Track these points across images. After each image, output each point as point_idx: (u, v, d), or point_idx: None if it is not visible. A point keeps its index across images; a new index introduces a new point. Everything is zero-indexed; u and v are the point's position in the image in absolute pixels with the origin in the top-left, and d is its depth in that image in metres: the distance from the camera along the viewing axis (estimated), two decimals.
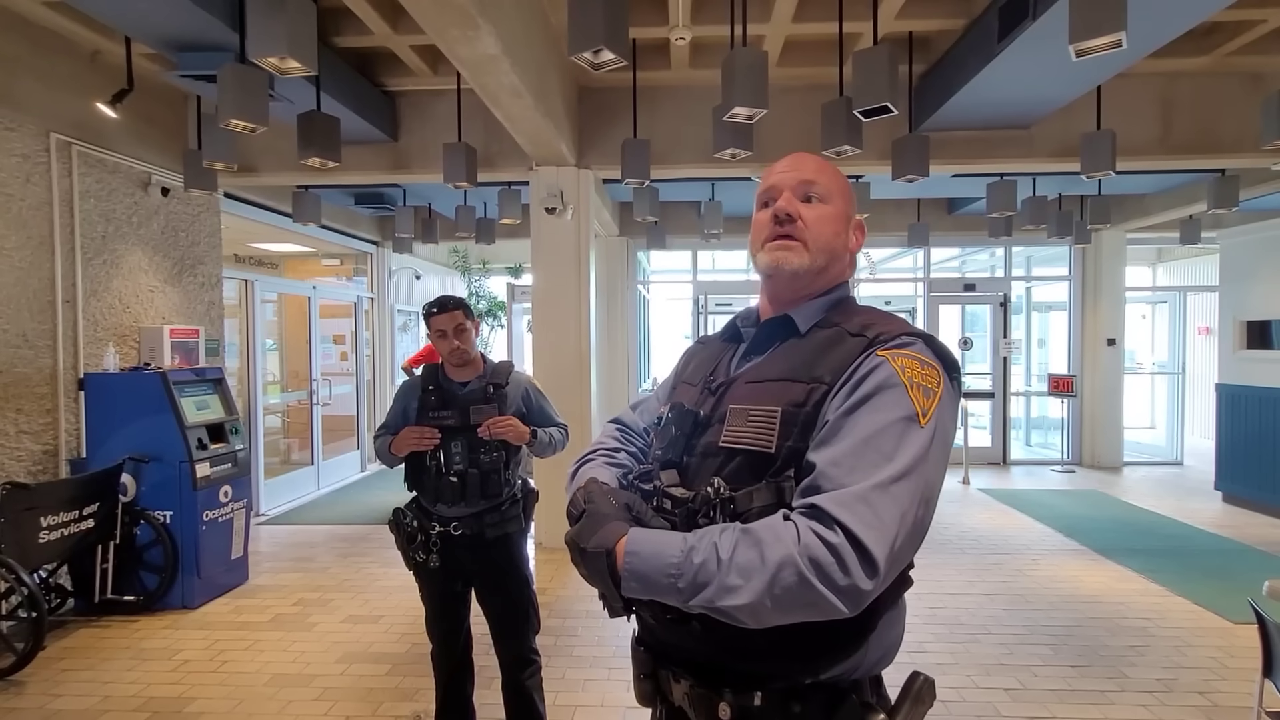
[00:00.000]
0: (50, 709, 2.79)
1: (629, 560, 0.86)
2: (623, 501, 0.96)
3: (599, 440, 1.20)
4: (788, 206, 1.03)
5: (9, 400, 3.58)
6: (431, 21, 2.62)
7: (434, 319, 2.23)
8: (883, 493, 0.81)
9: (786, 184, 1.05)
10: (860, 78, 3.05)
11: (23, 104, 3.66)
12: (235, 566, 4.16)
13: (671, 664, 0.99)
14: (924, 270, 8.36)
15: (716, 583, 0.81)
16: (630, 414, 1.25)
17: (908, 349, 0.91)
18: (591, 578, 0.91)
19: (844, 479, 0.82)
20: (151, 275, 4.54)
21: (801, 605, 0.79)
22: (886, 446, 0.83)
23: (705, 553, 0.82)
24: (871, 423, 0.85)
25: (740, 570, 0.80)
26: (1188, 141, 4.61)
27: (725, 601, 0.80)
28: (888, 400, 0.86)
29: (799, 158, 1.08)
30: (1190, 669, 3.06)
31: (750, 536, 0.82)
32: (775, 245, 1.03)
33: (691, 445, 1.01)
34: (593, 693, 2.90)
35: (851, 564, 0.77)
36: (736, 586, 0.80)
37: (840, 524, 0.79)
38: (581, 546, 0.90)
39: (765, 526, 0.83)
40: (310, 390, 6.77)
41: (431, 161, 4.80)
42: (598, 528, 0.91)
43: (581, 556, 0.91)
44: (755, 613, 0.80)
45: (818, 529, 0.79)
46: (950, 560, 4.56)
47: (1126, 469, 7.73)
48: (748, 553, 0.81)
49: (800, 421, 0.91)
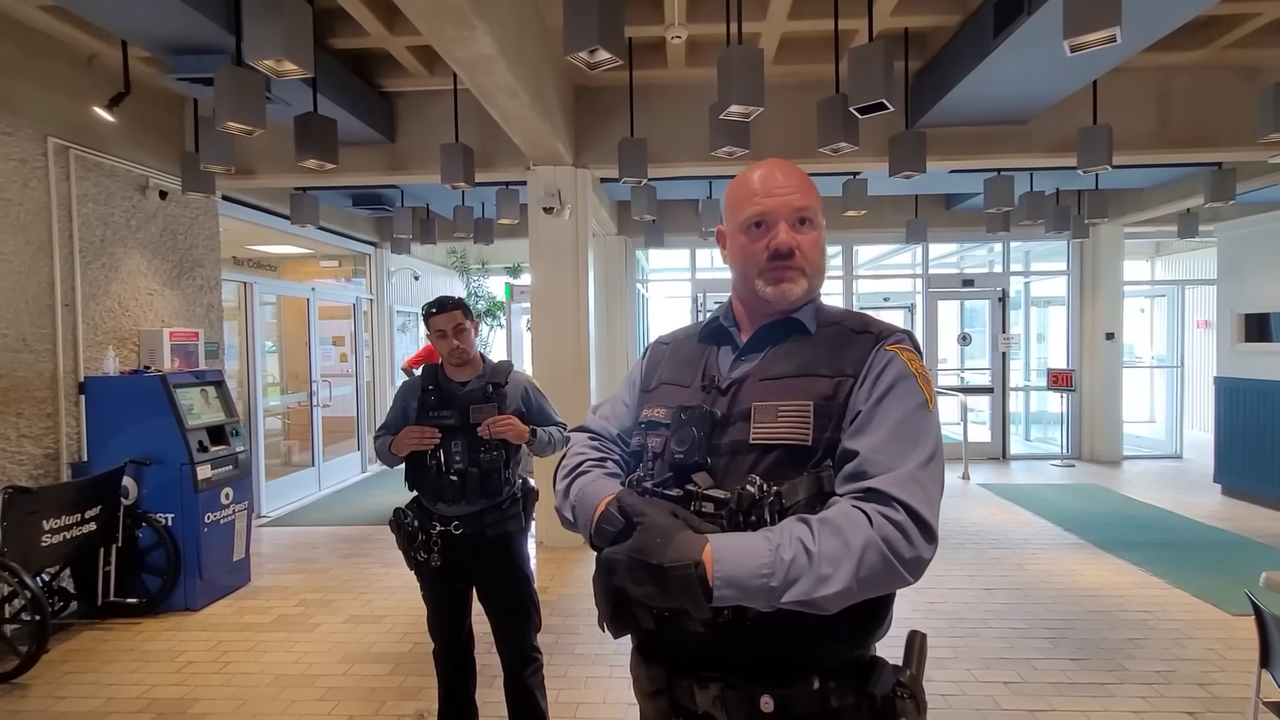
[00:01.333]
0: (54, 711, 2.80)
1: (720, 568, 0.84)
2: (669, 510, 0.93)
3: (576, 451, 1.15)
4: (789, 241, 1.04)
5: (9, 404, 3.59)
6: (427, 22, 2.62)
7: (433, 319, 2.24)
8: (925, 471, 0.90)
9: (780, 214, 1.04)
10: (856, 75, 3.05)
11: (20, 108, 3.66)
12: (237, 568, 4.17)
13: (701, 670, 0.97)
14: (922, 266, 8.37)
15: (810, 575, 0.83)
16: (597, 420, 1.21)
17: (903, 344, 1.01)
18: (672, 595, 0.84)
19: (888, 463, 0.89)
20: (150, 278, 4.55)
21: (883, 582, 0.86)
22: (915, 431, 0.93)
23: (793, 548, 0.84)
24: (899, 411, 0.94)
25: (829, 559, 0.83)
26: (1184, 135, 4.61)
27: (820, 592, 0.83)
28: (905, 390, 0.95)
29: (780, 172, 1.06)
30: (1189, 661, 3.08)
31: (829, 525, 0.86)
32: (779, 277, 1.05)
33: (714, 446, 1.00)
34: (595, 690, 2.91)
35: (915, 537, 0.86)
36: (828, 575, 0.83)
37: (900, 502, 0.86)
38: (656, 563, 0.84)
39: (839, 514, 0.87)
40: (310, 392, 6.78)
41: (429, 162, 4.80)
42: (666, 541, 0.86)
43: (655, 574, 0.85)
44: (846, 597, 0.84)
45: (882, 509, 0.86)
46: (950, 555, 4.57)
47: (1126, 463, 7.74)
48: (831, 540, 0.85)
49: (834, 413, 0.96)
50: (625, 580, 0.88)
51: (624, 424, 1.18)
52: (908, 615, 3.55)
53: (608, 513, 0.96)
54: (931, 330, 8.19)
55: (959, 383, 8.40)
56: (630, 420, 1.16)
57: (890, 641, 1.01)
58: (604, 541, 0.94)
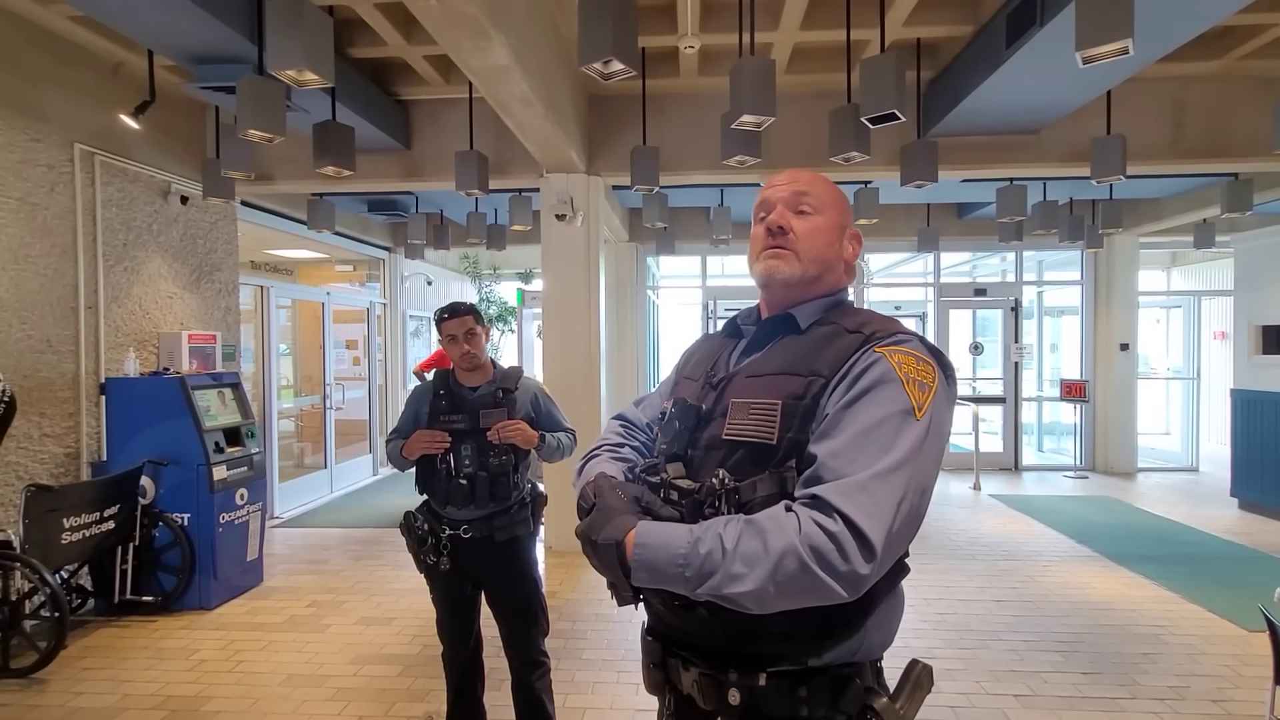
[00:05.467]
0: (71, 706, 2.85)
1: (638, 551, 0.91)
2: (631, 495, 1.01)
3: (604, 436, 1.24)
4: (779, 219, 1.07)
5: (33, 404, 3.66)
6: (445, 33, 2.67)
7: (445, 324, 2.27)
8: (881, 482, 0.85)
9: (779, 198, 1.09)
10: (868, 85, 3.06)
11: (48, 116, 3.76)
12: (251, 568, 4.22)
13: (680, 651, 1.03)
14: (934, 275, 8.33)
15: (722, 571, 0.85)
16: (634, 410, 1.30)
17: (904, 345, 0.95)
18: (602, 569, 0.96)
19: (844, 469, 0.86)
20: (170, 282, 4.63)
21: (803, 591, 0.83)
22: (884, 438, 0.87)
23: (711, 543, 0.87)
24: (870, 416, 0.89)
25: (745, 559, 0.84)
26: (1199, 146, 4.58)
27: (731, 589, 0.85)
28: (885, 395, 0.90)
29: (795, 173, 1.12)
30: (1203, 677, 3.04)
31: (754, 527, 0.86)
32: (768, 254, 1.07)
33: (695, 438, 1.04)
34: (602, 695, 2.92)
35: (850, 550, 0.81)
36: (741, 574, 0.84)
37: (840, 512, 0.83)
38: (592, 539, 0.95)
39: (768, 517, 0.87)
40: (324, 395, 6.86)
41: (444, 169, 4.87)
42: (608, 520, 0.95)
43: (593, 548, 0.95)
44: (760, 599, 0.84)
45: (818, 518, 0.83)
46: (961, 566, 4.54)
47: (1140, 475, 7.65)
48: (751, 542, 0.85)
49: (800, 413, 0.94)
50: (585, 553, 0.98)
51: (654, 414, 1.24)
52: (917, 626, 3.53)
53: (584, 491, 1.06)
54: (943, 339, 8.15)
55: (971, 392, 8.34)
56: (658, 411, 1.22)
57: (899, 658, 1.01)
58: (580, 517, 1.03)
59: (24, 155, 3.63)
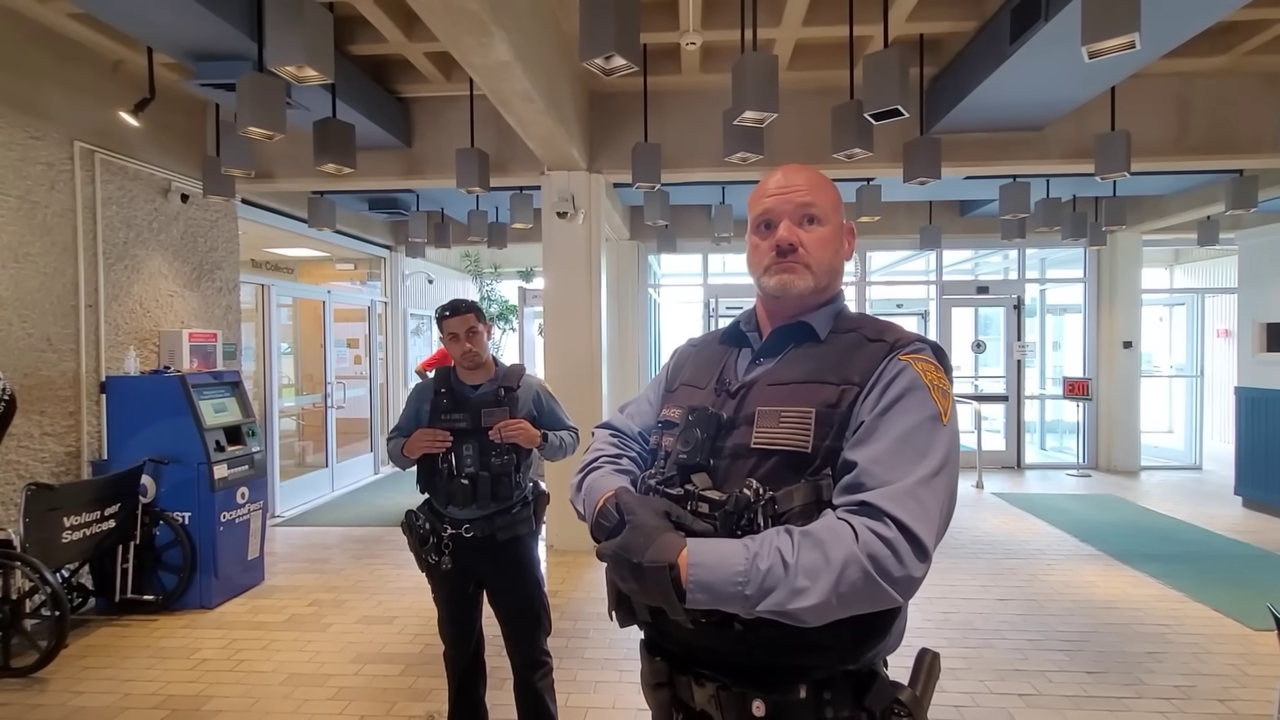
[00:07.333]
0: (72, 705, 2.85)
1: (694, 572, 0.85)
2: (661, 509, 0.95)
3: (596, 447, 1.18)
4: (790, 238, 1.05)
5: (33, 403, 3.66)
6: (445, 29, 2.65)
7: (446, 322, 2.25)
8: (925, 487, 0.86)
9: (784, 211, 1.06)
10: (871, 81, 3.05)
11: (48, 113, 3.74)
12: (252, 567, 4.21)
13: (698, 668, 0.98)
14: (936, 273, 8.30)
15: (785, 587, 0.82)
16: (621, 418, 1.24)
17: (921, 354, 0.98)
18: (648, 592, 0.87)
19: (887, 476, 0.87)
20: (171, 280, 4.62)
21: (865, 600, 0.83)
22: (920, 444, 0.89)
23: (770, 558, 0.83)
24: (905, 423, 0.90)
25: (807, 572, 0.82)
26: (1204, 142, 4.56)
27: (794, 604, 0.82)
28: (915, 401, 0.92)
29: (792, 175, 1.08)
30: (1209, 676, 3.02)
31: (811, 538, 0.84)
32: (781, 268, 1.06)
33: (718, 448, 1.01)
34: (604, 695, 2.91)
35: (905, 555, 0.82)
36: (804, 588, 0.82)
37: (893, 518, 0.83)
38: (635, 561, 0.87)
39: (823, 527, 0.85)
40: (325, 393, 6.85)
41: (445, 167, 4.85)
42: (650, 540, 0.88)
43: (636, 571, 0.87)
44: (822, 612, 0.82)
45: (872, 525, 0.83)
46: (964, 565, 4.52)
47: (1144, 473, 7.62)
48: (811, 554, 0.83)
49: (835, 421, 0.94)
50: (614, 575, 0.92)
51: (646, 422, 1.20)
52: (920, 625, 3.51)
53: (605, 508, 0.98)
54: (946, 337, 8.12)
55: (973, 390, 8.32)
56: (652, 419, 1.18)
57: (904, 654, 1.00)
58: (601, 536, 0.97)
59: (24, 153, 3.62)
